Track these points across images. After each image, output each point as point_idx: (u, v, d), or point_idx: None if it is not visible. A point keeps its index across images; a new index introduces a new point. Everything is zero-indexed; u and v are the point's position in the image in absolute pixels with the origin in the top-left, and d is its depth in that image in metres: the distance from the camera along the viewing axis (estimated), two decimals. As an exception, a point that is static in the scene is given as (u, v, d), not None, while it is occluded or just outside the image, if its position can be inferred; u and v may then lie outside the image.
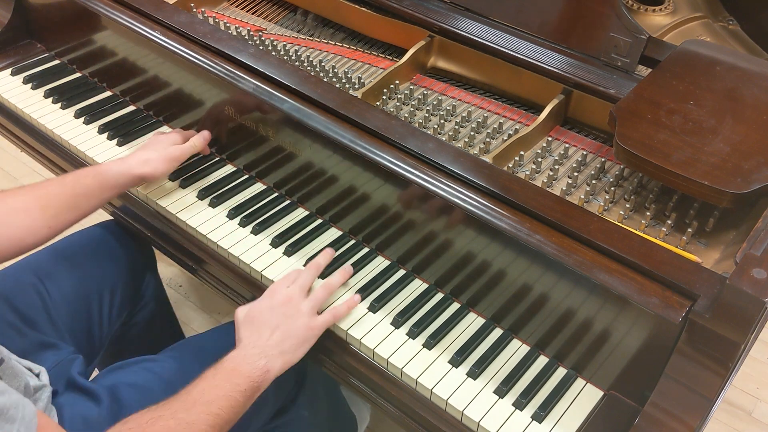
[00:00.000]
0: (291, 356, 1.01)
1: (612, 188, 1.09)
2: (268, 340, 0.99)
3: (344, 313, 1.06)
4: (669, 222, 1.03)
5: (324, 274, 1.11)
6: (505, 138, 1.20)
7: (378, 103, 1.27)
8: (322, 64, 1.35)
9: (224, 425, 0.92)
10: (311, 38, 1.46)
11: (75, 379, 1.07)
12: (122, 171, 1.17)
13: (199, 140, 1.27)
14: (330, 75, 1.33)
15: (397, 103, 1.26)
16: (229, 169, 1.32)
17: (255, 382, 0.96)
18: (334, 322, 1.06)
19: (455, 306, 1.09)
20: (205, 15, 1.48)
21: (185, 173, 1.29)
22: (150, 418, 0.86)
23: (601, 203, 1.08)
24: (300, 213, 1.23)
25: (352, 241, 1.18)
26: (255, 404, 1.15)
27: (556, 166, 1.13)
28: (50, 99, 1.46)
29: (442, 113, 1.25)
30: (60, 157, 1.39)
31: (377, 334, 1.05)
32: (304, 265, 1.14)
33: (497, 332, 1.06)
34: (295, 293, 1.04)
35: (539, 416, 0.95)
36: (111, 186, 1.16)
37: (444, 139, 1.19)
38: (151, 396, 1.06)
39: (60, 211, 1.09)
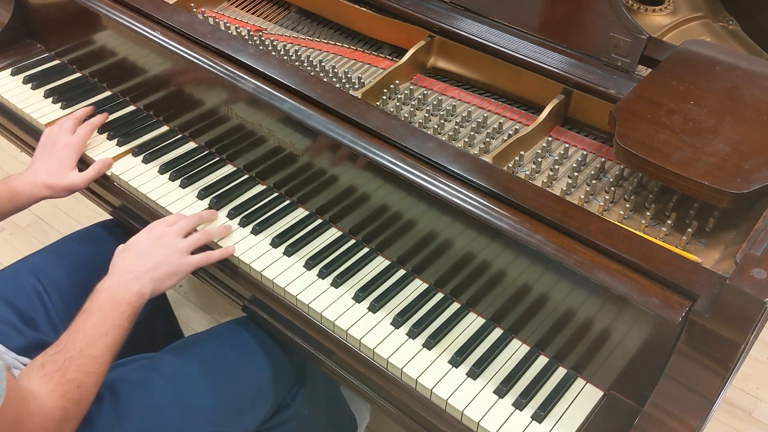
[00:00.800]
0: (160, 284, 1.09)
1: (612, 188, 1.09)
2: (140, 267, 1.07)
3: (217, 257, 1.13)
4: (669, 222, 1.03)
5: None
6: (505, 138, 1.20)
7: (378, 103, 1.27)
8: (322, 64, 1.35)
9: (118, 349, 1.01)
10: (311, 38, 1.46)
11: None
12: (32, 195, 1.24)
13: (97, 166, 1.29)
14: (330, 75, 1.33)
15: (397, 103, 1.26)
16: (229, 169, 1.32)
17: (133, 307, 1.04)
18: (207, 263, 1.13)
19: (455, 306, 1.09)
20: (205, 15, 1.48)
21: (186, 173, 1.29)
22: (63, 359, 0.93)
23: (601, 203, 1.08)
24: (300, 213, 1.23)
25: (352, 241, 1.18)
26: (254, 402, 1.16)
27: (556, 166, 1.13)
28: (50, 99, 1.46)
29: (442, 113, 1.25)
30: (60, 157, 1.39)
31: (377, 334, 1.05)
32: (304, 266, 1.14)
33: (497, 332, 1.06)
34: (172, 231, 1.13)
35: (539, 416, 0.95)
36: (23, 206, 1.25)
37: (444, 139, 1.19)
38: (151, 392, 1.06)
39: None
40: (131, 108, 1.45)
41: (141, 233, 1.13)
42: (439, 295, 1.11)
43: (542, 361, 1.03)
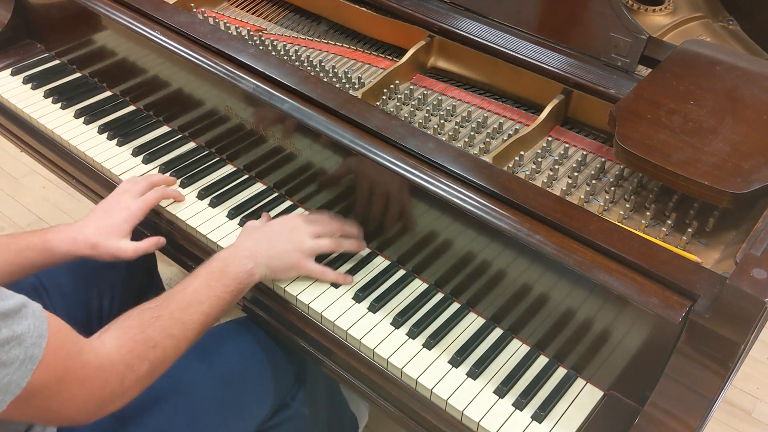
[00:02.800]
0: (273, 274, 1.08)
1: (612, 188, 1.09)
2: (261, 249, 1.06)
3: (331, 279, 1.11)
4: (669, 222, 1.03)
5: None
6: (505, 138, 1.20)
7: (378, 103, 1.27)
8: (322, 64, 1.35)
9: (212, 322, 0.99)
10: (311, 38, 1.46)
11: None
12: (69, 252, 1.11)
13: (151, 242, 1.17)
14: (330, 75, 1.33)
15: (397, 103, 1.26)
16: (229, 169, 1.32)
17: (241, 284, 1.02)
18: (321, 278, 1.11)
19: (455, 306, 1.09)
20: (205, 15, 1.48)
21: (186, 173, 1.29)
22: (150, 317, 0.92)
23: (601, 203, 1.08)
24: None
25: (352, 241, 1.18)
26: (254, 401, 1.16)
27: (556, 166, 1.13)
28: (50, 99, 1.46)
29: (442, 113, 1.25)
30: (60, 157, 1.39)
31: (377, 334, 1.05)
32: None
33: (497, 332, 1.06)
34: (306, 230, 1.10)
35: (539, 416, 0.95)
36: (54, 262, 1.12)
37: (444, 139, 1.19)
38: (150, 389, 1.06)
39: None
40: (131, 108, 1.45)
41: (278, 219, 1.13)
42: (439, 295, 1.11)
43: (542, 361, 1.03)
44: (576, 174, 1.11)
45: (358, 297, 1.09)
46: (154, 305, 0.94)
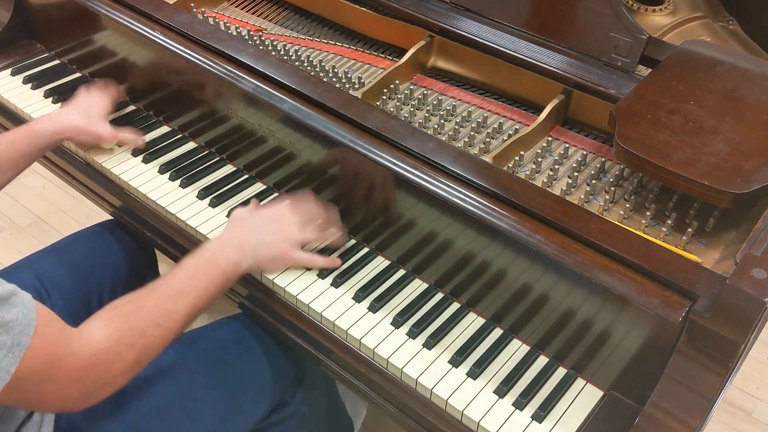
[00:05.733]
0: (260, 264, 1.08)
1: (612, 188, 1.09)
2: (247, 239, 1.06)
3: (321, 264, 1.11)
4: (669, 222, 1.03)
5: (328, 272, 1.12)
6: (505, 138, 1.20)
7: (378, 103, 1.27)
8: (322, 64, 1.35)
9: (198, 313, 0.99)
10: (311, 38, 1.46)
11: None
12: (55, 131, 1.23)
13: (133, 135, 1.32)
14: (330, 75, 1.33)
15: (397, 103, 1.26)
16: (229, 169, 1.32)
17: (227, 275, 1.03)
18: (309, 265, 1.11)
19: (455, 306, 1.09)
20: (205, 15, 1.48)
21: (185, 173, 1.29)
22: (137, 307, 0.93)
23: (601, 203, 1.08)
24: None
25: (352, 241, 1.18)
26: (253, 398, 1.16)
27: (556, 166, 1.13)
28: (50, 99, 1.46)
29: (442, 113, 1.25)
30: (60, 157, 1.39)
31: (377, 334, 1.05)
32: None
33: (497, 332, 1.06)
34: (292, 220, 1.11)
35: (539, 416, 0.95)
36: (45, 147, 1.24)
37: (444, 139, 1.19)
38: (149, 384, 1.06)
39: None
40: (131, 108, 1.45)
41: (264, 209, 1.13)
42: (439, 295, 1.11)
43: (542, 361, 1.03)
44: (576, 174, 1.11)
45: (358, 297, 1.09)
46: (140, 295, 0.95)
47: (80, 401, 0.87)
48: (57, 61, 1.57)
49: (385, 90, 1.27)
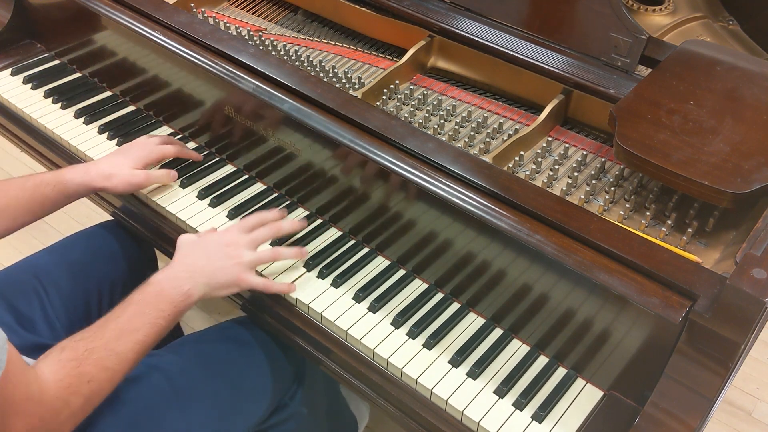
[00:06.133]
0: (213, 291, 1.04)
1: (612, 188, 1.09)
2: (200, 268, 1.03)
3: (276, 290, 1.08)
4: (669, 222, 1.03)
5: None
6: (505, 138, 1.20)
7: (378, 103, 1.27)
8: (322, 64, 1.35)
9: (147, 349, 0.97)
10: (311, 38, 1.46)
11: None
12: (83, 183, 1.18)
13: (167, 173, 1.25)
14: (330, 75, 1.33)
15: (397, 103, 1.26)
16: (229, 169, 1.32)
17: (177, 307, 1.00)
18: (264, 291, 1.08)
19: (455, 306, 1.09)
20: (205, 15, 1.48)
21: (185, 173, 1.29)
22: (84, 349, 0.90)
23: (601, 203, 1.08)
24: (300, 213, 1.23)
25: (352, 241, 1.18)
26: (253, 400, 1.16)
27: (556, 166, 1.13)
28: (50, 99, 1.46)
29: (442, 113, 1.25)
30: (60, 157, 1.39)
31: (377, 334, 1.05)
32: (304, 266, 1.14)
33: (497, 332, 1.06)
34: (243, 241, 1.07)
35: (539, 416, 0.95)
36: (70, 196, 1.18)
37: (444, 139, 1.19)
38: (149, 388, 1.06)
39: (18, 215, 1.13)
40: (131, 108, 1.45)
41: (214, 233, 1.10)
42: (439, 295, 1.11)
43: (542, 361, 1.03)
44: (576, 174, 1.11)
45: (358, 297, 1.09)
46: (88, 335, 0.93)
47: None
48: (57, 61, 1.57)
49: (385, 90, 1.27)
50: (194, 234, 1.11)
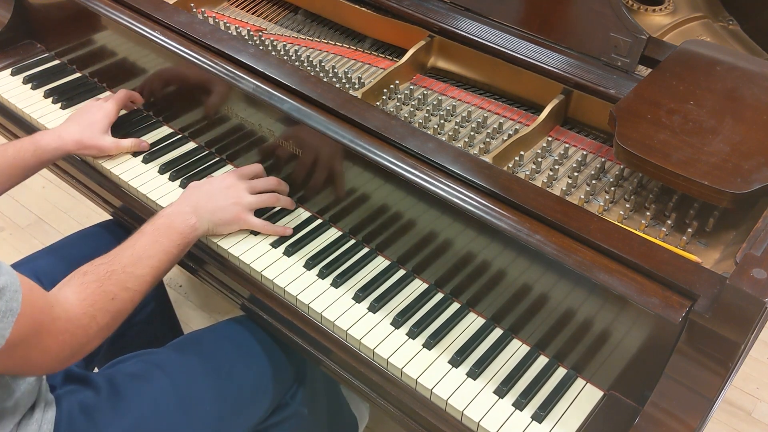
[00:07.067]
0: (216, 228, 1.14)
1: (612, 188, 1.09)
2: (203, 204, 1.12)
3: (272, 231, 1.17)
4: (669, 222, 1.03)
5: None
6: (505, 138, 1.20)
7: (378, 103, 1.27)
8: (322, 64, 1.35)
9: (161, 275, 1.05)
10: (311, 38, 1.46)
11: (72, 370, 1.07)
12: (58, 148, 1.26)
13: (133, 142, 1.33)
14: (330, 75, 1.33)
15: (397, 103, 1.26)
16: (229, 168, 1.32)
17: (186, 238, 1.08)
18: (262, 231, 1.17)
19: (455, 306, 1.09)
20: (205, 15, 1.48)
21: (185, 173, 1.29)
22: (105, 272, 0.97)
23: (601, 203, 1.08)
24: (300, 213, 1.23)
25: (352, 241, 1.18)
26: (253, 399, 1.16)
27: (556, 166, 1.13)
28: (50, 99, 1.46)
29: (442, 113, 1.25)
30: (60, 157, 1.39)
31: (377, 334, 1.05)
32: (304, 266, 1.14)
33: (497, 332, 1.06)
34: (243, 185, 1.17)
35: (539, 416, 0.95)
36: (46, 161, 1.26)
37: (444, 139, 1.19)
38: (150, 386, 1.06)
39: (1, 180, 1.19)
40: (131, 108, 1.45)
41: (216, 177, 1.19)
42: (439, 295, 1.11)
43: (542, 361, 1.03)
44: (576, 174, 1.11)
45: (358, 297, 1.09)
46: (107, 260, 0.99)
47: (63, 362, 0.92)
48: (57, 61, 1.57)
49: (385, 90, 1.27)
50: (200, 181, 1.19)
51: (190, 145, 1.36)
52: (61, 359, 0.91)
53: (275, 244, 1.17)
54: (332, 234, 1.20)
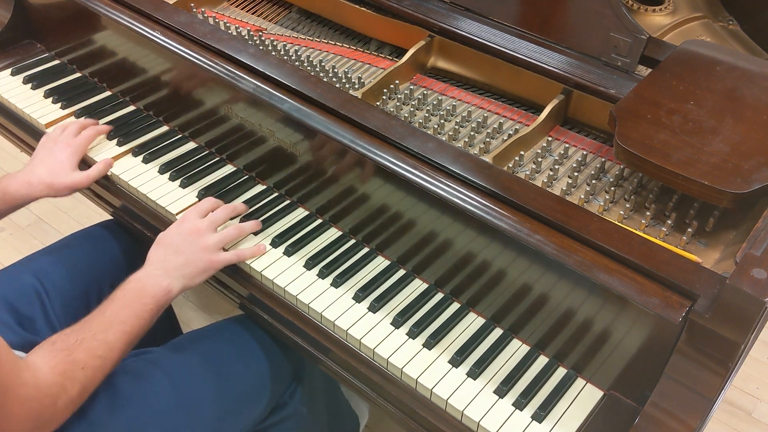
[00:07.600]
0: (191, 281, 1.09)
1: (612, 188, 1.09)
2: (171, 262, 1.08)
3: (249, 256, 1.13)
4: (669, 222, 1.03)
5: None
6: (505, 138, 1.20)
7: (378, 103, 1.27)
8: (322, 64, 1.35)
9: (133, 340, 1.01)
10: (311, 38, 1.46)
11: None
12: (27, 195, 1.23)
13: (102, 165, 1.28)
14: (330, 75, 1.33)
15: (397, 103, 1.26)
16: (229, 169, 1.32)
17: (159, 301, 1.04)
18: (237, 261, 1.13)
19: (455, 306, 1.09)
20: (205, 15, 1.48)
21: (185, 173, 1.29)
22: (75, 340, 0.94)
23: (601, 203, 1.08)
24: (300, 213, 1.23)
25: (352, 241, 1.18)
26: (252, 398, 1.16)
27: (556, 166, 1.13)
28: (50, 99, 1.46)
29: (442, 113, 1.25)
30: (60, 157, 1.39)
31: (377, 334, 1.05)
32: (304, 266, 1.14)
33: (497, 332, 1.06)
34: (204, 225, 1.12)
35: (539, 416, 0.95)
36: (14, 206, 1.23)
37: (444, 139, 1.19)
38: (148, 385, 1.06)
39: None
40: (131, 108, 1.45)
41: (174, 225, 1.13)
42: (439, 295, 1.11)
43: (542, 361, 1.03)
44: (576, 174, 1.11)
45: (358, 297, 1.09)
46: (77, 328, 0.97)
47: None
48: (57, 61, 1.57)
49: (385, 90, 1.27)
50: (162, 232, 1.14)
51: (190, 145, 1.36)
52: (26, 430, 0.86)
53: (275, 244, 1.17)
54: (332, 234, 1.20)
